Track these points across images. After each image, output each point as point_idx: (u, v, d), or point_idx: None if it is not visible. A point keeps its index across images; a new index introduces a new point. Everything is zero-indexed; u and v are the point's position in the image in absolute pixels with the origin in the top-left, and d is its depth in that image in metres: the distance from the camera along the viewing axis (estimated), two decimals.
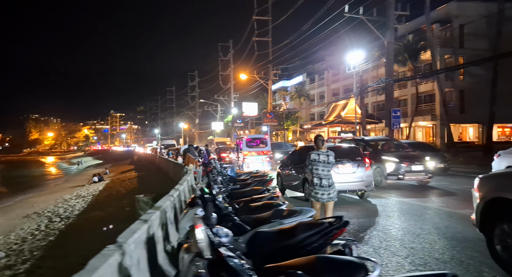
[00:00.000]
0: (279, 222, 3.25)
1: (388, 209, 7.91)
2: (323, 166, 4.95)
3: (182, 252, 2.28)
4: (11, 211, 15.93)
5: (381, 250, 4.85)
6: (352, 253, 2.38)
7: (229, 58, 41.00)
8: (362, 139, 13.41)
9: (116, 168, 36.26)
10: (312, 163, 4.97)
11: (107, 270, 2.14)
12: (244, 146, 16.38)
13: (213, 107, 52.81)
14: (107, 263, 2.16)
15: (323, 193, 4.93)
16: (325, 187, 4.94)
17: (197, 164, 10.66)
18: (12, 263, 7.48)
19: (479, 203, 4.18)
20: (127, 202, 13.36)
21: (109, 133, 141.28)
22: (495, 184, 4.16)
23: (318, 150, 5.05)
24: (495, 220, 3.95)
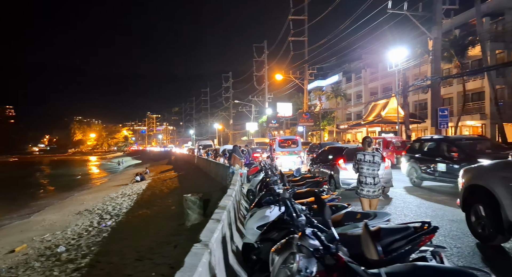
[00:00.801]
0: (353, 225, 3.16)
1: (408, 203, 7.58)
2: (368, 165, 5.36)
3: (273, 254, 2.26)
4: (64, 208, 16.86)
5: None
6: (443, 261, 2.26)
7: (263, 59, 41.10)
8: (444, 138, 11.31)
9: (155, 168, 37.40)
10: (358, 162, 5.43)
11: (204, 268, 2.19)
12: (277, 146, 17.09)
13: (247, 108, 53.16)
14: (202, 262, 2.20)
15: (368, 190, 5.37)
16: (370, 185, 5.36)
17: (242, 164, 10.75)
18: (72, 257, 7.89)
19: (461, 189, 5.41)
20: (171, 201, 13.73)
21: (146, 134, 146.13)
22: (472, 174, 5.31)
23: (364, 151, 5.47)
24: (471, 201, 5.15)
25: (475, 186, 5.05)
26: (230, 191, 5.54)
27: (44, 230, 11.80)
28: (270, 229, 3.18)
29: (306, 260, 1.97)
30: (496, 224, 4.57)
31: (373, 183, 5.34)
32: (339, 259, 1.76)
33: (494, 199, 4.56)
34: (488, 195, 4.69)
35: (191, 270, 2.05)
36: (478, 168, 5.43)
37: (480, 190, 4.88)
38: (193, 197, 9.24)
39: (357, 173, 5.50)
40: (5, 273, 7.54)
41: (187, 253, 6.19)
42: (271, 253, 2.26)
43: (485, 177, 4.95)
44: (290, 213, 2.70)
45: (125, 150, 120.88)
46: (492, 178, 4.76)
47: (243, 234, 4.91)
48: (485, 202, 4.82)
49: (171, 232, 8.68)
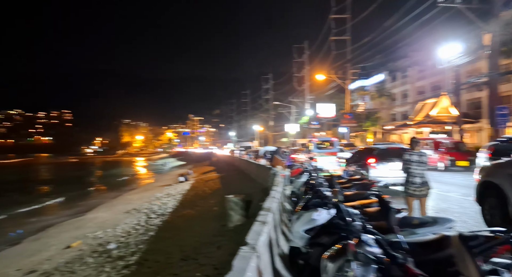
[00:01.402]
0: (409, 231, 2.93)
1: None
2: (416, 165, 5.55)
3: (325, 261, 2.13)
4: (114, 206, 17.73)
5: None
6: None
7: (304, 59, 40.67)
8: None
9: (198, 169, 38.25)
10: (406, 162, 5.66)
11: (253, 273, 2.10)
12: (314, 147, 17.86)
13: (287, 109, 52.88)
14: (251, 266, 2.13)
15: (414, 189, 5.55)
16: (418, 184, 5.53)
17: (284, 166, 10.64)
18: (122, 254, 8.22)
19: (476, 185, 5.95)
20: (214, 202, 13.90)
21: (189, 136, 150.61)
22: (485, 172, 5.89)
23: (411, 151, 5.69)
24: (485, 196, 5.65)
25: (488, 182, 5.55)
26: (273, 192, 5.45)
27: (96, 227, 12.46)
28: (320, 233, 3.04)
29: (364, 269, 1.83)
30: (504, 215, 5.00)
31: (420, 182, 5.51)
32: (408, 271, 1.59)
33: (503, 193, 5.03)
34: (497, 190, 5.18)
35: (240, 274, 1.98)
36: (491, 166, 5.98)
37: (491, 186, 5.39)
38: (235, 198, 9.27)
39: (405, 173, 5.67)
40: (63, 266, 8.02)
41: (230, 254, 6.19)
42: (323, 259, 2.13)
43: (495, 174, 5.48)
44: (342, 217, 2.55)
45: (169, 151, 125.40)
46: (501, 175, 5.26)
47: (288, 237, 4.79)
48: (495, 196, 5.30)
49: (214, 233, 8.76)
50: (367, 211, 4.07)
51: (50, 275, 7.59)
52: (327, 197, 3.85)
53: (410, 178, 5.57)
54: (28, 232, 14.22)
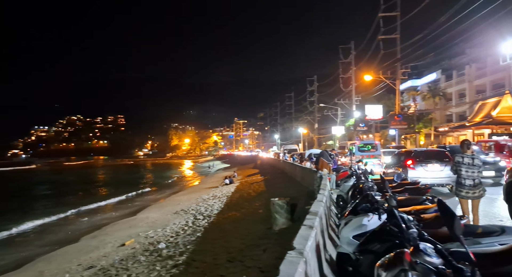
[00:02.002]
0: (473, 241, 2.69)
1: None
2: (467, 167, 5.50)
3: (378, 270, 2.01)
4: (163, 207, 18.46)
5: None
6: None
7: (350, 60, 39.63)
8: None
9: (242, 171, 38.71)
10: (456, 164, 5.62)
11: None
12: (356, 150, 18.12)
13: (333, 111, 51.77)
14: (298, 272, 2.06)
15: (467, 191, 5.51)
16: (470, 186, 5.48)
17: (330, 169, 10.39)
18: (171, 254, 8.49)
19: (504, 185, 6.52)
20: (259, 204, 13.93)
21: (233, 139, 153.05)
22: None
23: (463, 153, 5.63)
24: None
25: None
26: (320, 196, 5.31)
27: (147, 227, 13.03)
28: (371, 239, 2.89)
29: None
30: None
31: (472, 184, 5.47)
32: None
33: None
34: None
35: None
36: None
37: None
38: (280, 201, 9.19)
39: (455, 175, 5.76)
40: (118, 263, 8.47)
41: (276, 258, 6.14)
42: (376, 267, 2.00)
43: None
44: (396, 224, 2.40)
45: (215, 154, 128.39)
46: None
47: (335, 242, 4.64)
48: None
49: (259, 235, 8.75)
50: (422, 218, 3.82)
51: (106, 271, 8.03)
52: (377, 202, 3.66)
53: (461, 180, 5.56)
54: (86, 229, 15.29)
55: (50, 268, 9.32)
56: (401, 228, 2.14)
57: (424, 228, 3.28)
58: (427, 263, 1.65)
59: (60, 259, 10.26)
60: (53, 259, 10.43)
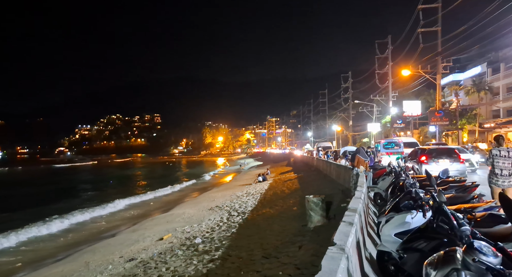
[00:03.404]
0: None
1: None
2: (504, 159, 6.28)
3: (427, 268, 1.92)
4: (199, 203, 18.84)
5: None
6: None
7: (387, 55, 38.32)
8: None
9: (275, 169, 38.68)
10: (493, 157, 6.37)
11: (343, 275, 1.99)
12: (382, 148, 19.89)
13: (368, 108, 50.36)
14: (341, 268, 2.02)
15: (503, 180, 6.28)
16: (505, 176, 6.26)
17: (367, 167, 10.10)
18: (207, 249, 8.65)
19: None
20: (293, 202, 13.86)
21: (266, 137, 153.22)
22: None
23: (499, 147, 6.43)
24: None
25: None
26: (358, 193, 5.18)
27: (184, 222, 13.36)
28: (416, 237, 2.77)
29: None
30: None
31: (508, 174, 6.25)
32: None
33: None
34: None
35: (330, 275, 1.89)
36: None
37: None
38: (315, 199, 9.08)
39: (489, 166, 6.47)
40: (156, 257, 8.76)
41: (312, 255, 6.06)
42: (425, 266, 1.92)
43: None
44: (445, 221, 2.28)
45: (248, 152, 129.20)
46: None
47: (375, 240, 4.52)
48: None
49: (294, 232, 8.70)
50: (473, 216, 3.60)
51: (146, 263, 8.33)
52: (422, 198, 3.50)
53: (497, 170, 6.32)
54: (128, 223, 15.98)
55: (95, 259, 9.82)
56: (452, 225, 2.03)
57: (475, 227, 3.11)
58: (483, 262, 1.55)
59: (104, 251, 10.78)
60: (97, 251, 10.98)
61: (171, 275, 7.03)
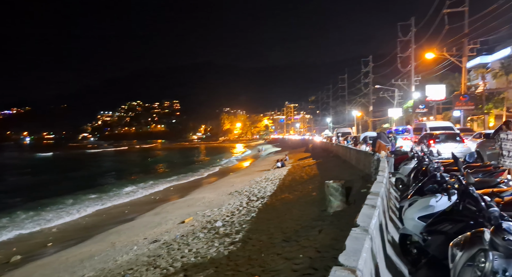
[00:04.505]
0: None
1: None
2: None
3: (453, 249, 1.92)
4: (218, 188, 19.16)
5: None
6: None
7: (410, 37, 37.04)
8: None
9: (294, 155, 38.65)
10: (502, 140, 6.99)
11: (367, 254, 2.03)
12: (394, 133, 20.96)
13: (389, 93, 49.17)
14: (365, 248, 2.04)
15: (510, 161, 6.83)
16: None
17: (388, 151, 9.95)
18: (228, 232, 8.84)
19: None
20: (312, 187, 13.88)
21: (284, 123, 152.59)
22: None
23: (507, 131, 7.03)
24: None
25: None
26: (380, 177, 5.15)
27: (204, 206, 13.66)
28: (441, 220, 2.76)
29: (505, 261, 1.59)
30: None
31: None
32: None
33: None
34: None
35: (355, 254, 1.92)
36: None
37: None
38: (335, 184, 9.07)
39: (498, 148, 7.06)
40: (179, 239, 9.03)
41: (332, 238, 6.11)
42: (451, 247, 1.92)
43: None
44: (473, 203, 2.26)
45: (266, 138, 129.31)
46: None
47: (396, 224, 4.51)
48: None
49: (313, 217, 8.76)
50: (501, 200, 3.54)
51: (169, 245, 8.61)
52: (447, 182, 3.46)
53: (505, 152, 6.90)
54: (148, 207, 16.46)
55: (121, 240, 10.22)
56: (480, 207, 2.01)
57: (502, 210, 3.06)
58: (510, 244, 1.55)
59: (129, 233, 11.20)
60: (122, 232, 11.41)
61: (194, 256, 7.25)
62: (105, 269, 7.74)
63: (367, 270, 1.94)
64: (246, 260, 6.21)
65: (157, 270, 6.77)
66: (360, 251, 1.97)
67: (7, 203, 19.08)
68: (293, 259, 5.62)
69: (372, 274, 2.10)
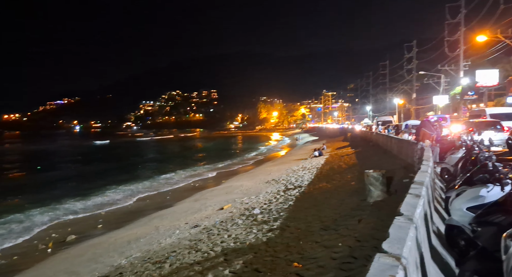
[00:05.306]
0: None
1: None
2: None
3: (507, 241, 1.83)
4: (255, 176, 19.36)
5: None
6: None
7: (459, 19, 34.64)
8: None
9: (331, 144, 38.02)
10: None
11: (412, 243, 1.98)
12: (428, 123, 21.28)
13: (435, 79, 46.57)
14: (409, 236, 2.00)
15: None
16: None
17: (433, 140, 9.50)
18: (266, 219, 8.95)
19: None
20: (351, 177, 13.65)
21: (322, 111, 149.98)
22: None
23: None
24: None
25: None
26: (424, 167, 4.96)
27: (242, 194, 13.90)
28: (493, 211, 2.63)
29: None
30: None
31: None
32: None
33: None
34: None
35: (399, 242, 1.89)
36: None
37: None
38: (375, 173, 8.85)
39: None
40: (218, 224, 9.30)
41: (373, 228, 6.01)
42: (504, 239, 1.84)
43: None
44: None
45: (302, 127, 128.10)
46: None
47: (442, 215, 4.35)
48: None
49: (352, 207, 8.63)
50: None
51: (209, 230, 8.90)
52: (500, 172, 3.27)
53: None
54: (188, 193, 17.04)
55: (163, 224, 10.71)
56: None
57: None
58: None
59: (171, 217, 11.70)
60: (164, 217, 11.94)
61: (233, 241, 7.44)
62: (150, 250, 8.18)
63: (412, 258, 1.91)
64: (285, 247, 6.28)
65: (198, 254, 7.03)
66: (404, 239, 1.94)
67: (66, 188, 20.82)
68: (332, 247, 5.61)
69: (417, 263, 2.06)
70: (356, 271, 4.18)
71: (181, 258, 6.97)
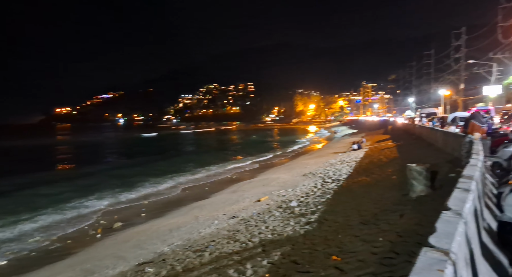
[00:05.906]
0: None
1: None
2: None
3: None
4: (292, 169, 19.31)
5: None
6: None
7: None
8: None
9: (371, 137, 36.93)
10: None
11: (461, 238, 1.90)
12: None
13: (486, 68, 43.51)
14: (459, 231, 1.92)
15: None
16: None
17: (484, 133, 8.92)
18: (303, 212, 8.92)
19: None
20: (391, 171, 13.20)
21: (361, 104, 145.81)
22: None
23: None
24: None
25: None
26: (474, 160, 4.69)
27: (279, 187, 13.94)
28: None
29: None
30: None
31: None
32: None
33: None
34: None
35: (447, 237, 1.82)
36: None
37: None
38: (418, 167, 8.49)
39: None
40: (256, 216, 9.42)
41: (416, 223, 5.82)
42: None
43: None
44: None
45: (340, 119, 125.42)
46: None
47: (493, 212, 4.11)
48: None
49: (393, 201, 8.37)
50: None
51: (247, 221, 9.03)
52: None
53: None
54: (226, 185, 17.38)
55: (203, 214, 11.03)
56: None
57: None
58: None
59: (209, 208, 12.02)
60: (203, 207, 12.28)
61: (271, 233, 7.51)
62: (190, 239, 8.47)
63: (461, 254, 1.83)
64: (323, 240, 6.24)
65: (237, 244, 7.18)
66: (453, 234, 1.86)
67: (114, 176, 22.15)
68: (372, 242, 5.49)
69: (466, 260, 1.97)
70: (399, 266, 4.07)
71: (220, 248, 7.16)
